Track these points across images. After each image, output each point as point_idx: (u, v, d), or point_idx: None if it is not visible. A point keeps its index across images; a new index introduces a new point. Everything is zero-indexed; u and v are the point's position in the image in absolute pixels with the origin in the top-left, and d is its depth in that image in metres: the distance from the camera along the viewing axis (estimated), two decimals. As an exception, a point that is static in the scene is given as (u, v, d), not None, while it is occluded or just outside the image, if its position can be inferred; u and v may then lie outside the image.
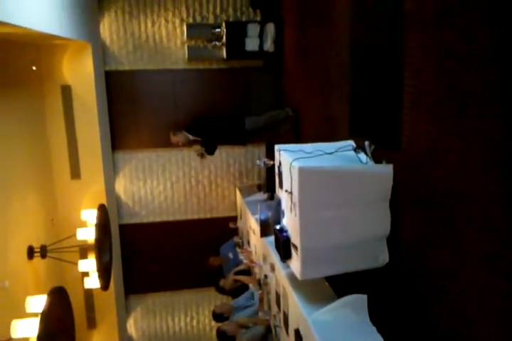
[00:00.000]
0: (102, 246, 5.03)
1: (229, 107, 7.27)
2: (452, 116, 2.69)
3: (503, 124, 2.30)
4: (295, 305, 3.68)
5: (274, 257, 4.24)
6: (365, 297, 3.40)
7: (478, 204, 2.52)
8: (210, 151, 6.23)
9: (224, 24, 6.75)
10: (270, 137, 6.51)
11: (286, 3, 6.54)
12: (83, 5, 5.68)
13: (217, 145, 6.34)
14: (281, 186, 3.67)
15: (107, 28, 6.99)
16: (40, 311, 3.51)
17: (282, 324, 4.18)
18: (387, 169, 3.40)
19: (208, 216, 7.77)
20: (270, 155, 4.80)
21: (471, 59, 2.51)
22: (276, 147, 3.73)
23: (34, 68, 5.55)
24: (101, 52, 6.79)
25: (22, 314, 3.87)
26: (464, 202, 2.65)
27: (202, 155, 6.22)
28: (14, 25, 3.28)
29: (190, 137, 6.10)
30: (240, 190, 7.22)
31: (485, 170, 2.45)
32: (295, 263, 3.48)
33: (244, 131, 6.04)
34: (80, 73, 5.92)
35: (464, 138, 2.60)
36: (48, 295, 3.65)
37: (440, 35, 2.77)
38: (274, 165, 3.87)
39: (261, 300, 5.06)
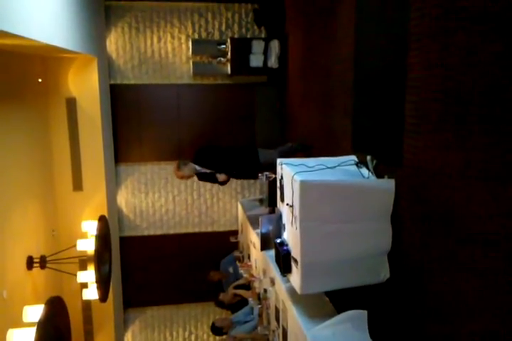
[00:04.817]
0: (101, 258, 5.01)
1: (233, 122, 7.33)
2: (454, 132, 2.71)
3: (505, 140, 2.32)
4: (294, 320, 3.65)
5: (274, 271, 4.22)
6: (365, 313, 3.38)
7: (479, 221, 2.52)
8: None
9: (229, 40, 6.84)
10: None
11: (290, 21, 6.63)
12: (91, 19, 5.77)
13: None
14: (282, 199, 3.68)
15: (114, 42, 7.09)
16: (37, 321, 3.50)
17: (281, 339, 4.14)
18: (388, 184, 3.41)
19: (209, 229, 7.76)
20: (272, 169, 4.81)
21: (473, 75, 2.54)
22: (279, 161, 3.75)
23: (40, 80, 5.61)
24: (107, 66, 6.87)
25: (19, 324, 3.85)
26: (465, 218, 2.65)
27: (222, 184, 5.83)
28: (22, 37, 3.32)
29: (197, 168, 5.52)
30: (242, 204, 7.21)
31: (487, 186, 2.46)
32: (295, 278, 3.47)
33: (258, 164, 5.57)
34: (85, 86, 5.99)
35: (466, 154, 2.61)
36: (45, 304, 3.63)
37: (442, 52, 2.80)
38: (276, 178, 3.88)
39: (260, 315, 5.02)
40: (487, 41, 2.41)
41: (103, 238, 5.15)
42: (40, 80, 5.61)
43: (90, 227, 5.40)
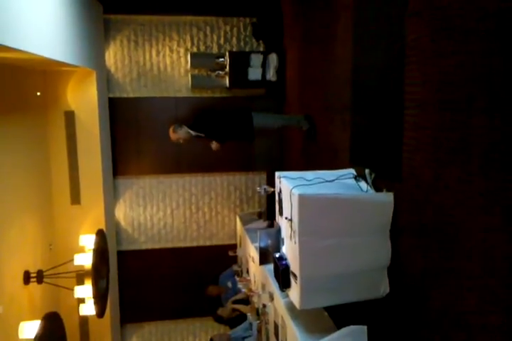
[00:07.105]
0: (98, 272, 4.96)
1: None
2: (453, 146, 2.70)
3: (502, 155, 2.31)
4: (293, 336, 3.60)
5: (273, 286, 4.18)
6: (364, 328, 3.34)
7: (479, 236, 2.50)
8: (222, 140, 5.73)
9: (227, 54, 6.87)
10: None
11: (288, 35, 6.66)
12: (90, 33, 5.79)
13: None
14: (281, 213, 3.66)
15: (113, 55, 7.11)
16: (33, 337, 3.45)
17: (280, 355, 4.08)
18: (387, 197, 3.39)
19: (208, 243, 7.71)
20: (271, 182, 4.79)
21: (472, 89, 2.53)
22: (277, 174, 3.73)
23: (38, 94, 5.61)
24: (105, 79, 6.88)
25: (16, 340, 3.80)
26: (464, 233, 2.62)
27: (218, 144, 5.68)
28: (21, 51, 3.32)
29: (192, 133, 5.70)
30: (240, 218, 7.18)
31: (486, 201, 2.44)
32: (294, 293, 3.43)
33: (251, 127, 5.58)
34: (83, 99, 5.99)
35: (465, 168, 2.60)
36: (42, 320, 3.59)
37: (440, 66, 2.80)
38: (274, 192, 3.86)
39: (259, 330, 4.96)
40: (485, 55, 2.42)
41: (101, 252, 5.11)
42: (38, 94, 5.61)
43: (88, 241, 5.36)
